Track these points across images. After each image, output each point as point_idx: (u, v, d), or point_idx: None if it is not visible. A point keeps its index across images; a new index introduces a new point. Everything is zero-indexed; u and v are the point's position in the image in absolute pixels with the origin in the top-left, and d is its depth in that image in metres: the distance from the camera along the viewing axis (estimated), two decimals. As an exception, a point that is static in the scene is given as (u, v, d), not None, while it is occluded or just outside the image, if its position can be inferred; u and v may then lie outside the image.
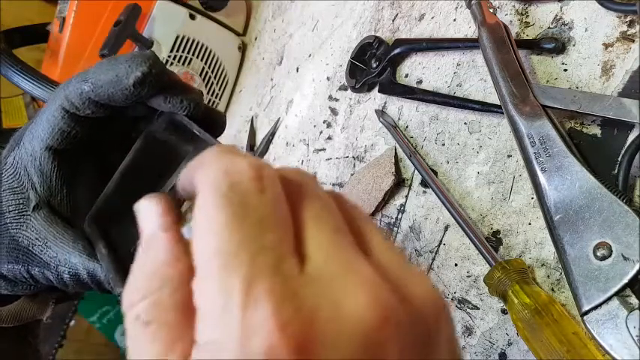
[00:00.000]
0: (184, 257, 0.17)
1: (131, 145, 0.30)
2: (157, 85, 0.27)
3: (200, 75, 0.89)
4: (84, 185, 0.31)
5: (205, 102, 0.86)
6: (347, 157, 0.55)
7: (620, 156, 0.30)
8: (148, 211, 0.19)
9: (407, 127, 0.47)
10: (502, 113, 0.36)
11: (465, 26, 0.44)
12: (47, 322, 0.34)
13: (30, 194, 0.29)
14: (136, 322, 0.16)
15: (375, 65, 0.51)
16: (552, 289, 0.32)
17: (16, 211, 0.29)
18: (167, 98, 0.27)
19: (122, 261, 0.27)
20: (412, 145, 0.45)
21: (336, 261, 0.16)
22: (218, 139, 0.28)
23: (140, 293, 0.17)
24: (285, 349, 0.14)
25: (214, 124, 0.30)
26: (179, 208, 0.22)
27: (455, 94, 0.43)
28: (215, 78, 0.92)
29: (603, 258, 0.28)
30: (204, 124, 0.28)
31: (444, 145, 0.43)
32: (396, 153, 0.47)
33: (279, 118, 0.73)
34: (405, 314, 0.16)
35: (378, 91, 0.51)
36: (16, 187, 0.29)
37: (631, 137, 0.30)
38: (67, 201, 0.29)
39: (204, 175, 0.17)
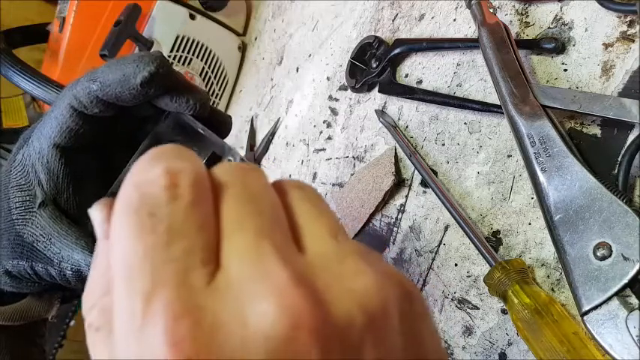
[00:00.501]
0: None
1: (137, 146, 0.31)
2: (163, 85, 0.27)
3: (200, 75, 0.89)
4: (90, 184, 0.31)
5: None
6: (347, 157, 0.55)
7: (620, 156, 0.30)
8: (94, 218, 0.18)
9: (407, 127, 0.47)
10: (502, 113, 0.36)
11: (465, 26, 0.44)
12: (51, 322, 0.35)
13: (37, 191, 0.29)
14: (90, 329, 0.16)
15: (375, 65, 0.51)
16: (552, 289, 0.32)
17: (23, 208, 0.29)
18: (173, 98, 0.28)
19: None
20: (412, 145, 0.45)
21: (249, 267, 0.15)
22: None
23: (91, 300, 0.17)
24: None
25: (220, 124, 0.31)
26: None
27: (455, 94, 0.43)
28: (215, 78, 0.92)
29: (603, 258, 0.28)
30: (210, 125, 0.28)
31: (444, 145, 0.43)
32: (396, 153, 0.47)
33: (279, 118, 0.73)
34: (324, 320, 0.14)
35: (378, 91, 0.51)
36: (24, 185, 0.29)
37: (631, 137, 0.30)
38: (72, 199, 0.30)
39: (122, 187, 0.17)
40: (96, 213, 0.18)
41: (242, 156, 0.26)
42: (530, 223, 0.34)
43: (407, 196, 0.45)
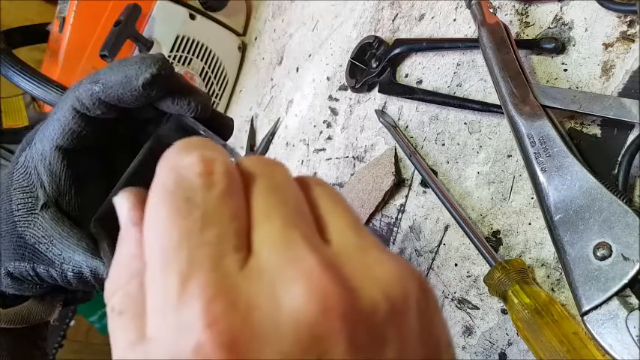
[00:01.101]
0: None
1: (139, 148, 0.31)
2: (165, 87, 0.27)
3: (200, 75, 0.89)
4: (92, 186, 0.31)
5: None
6: (347, 157, 0.55)
7: (620, 156, 0.30)
8: (121, 206, 0.19)
9: (407, 127, 0.47)
10: (502, 113, 0.36)
11: (465, 26, 0.44)
12: (53, 325, 0.35)
13: (39, 193, 0.29)
14: (112, 313, 0.17)
15: (375, 65, 0.51)
16: (552, 289, 0.32)
17: (25, 210, 0.29)
18: (175, 100, 0.28)
19: None
20: (412, 145, 0.45)
21: (280, 254, 0.16)
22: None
23: (115, 285, 0.17)
24: (213, 346, 0.13)
25: (222, 126, 0.31)
26: None
27: (455, 94, 0.43)
28: (215, 78, 0.92)
29: (603, 258, 0.28)
30: (211, 127, 0.29)
31: (444, 145, 0.43)
32: (396, 153, 0.47)
33: (279, 118, 0.73)
34: (352, 307, 0.15)
35: (378, 91, 0.51)
36: (26, 186, 0.29)
37: (631, 137, 0.30)
38: (74, 201, 0.30)
39: (157, 171, 0.17)
40: (122, 201, 0.19)
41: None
42: (530, 223, 0.34)
43: (407, 196, 0.45)
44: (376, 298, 0.15)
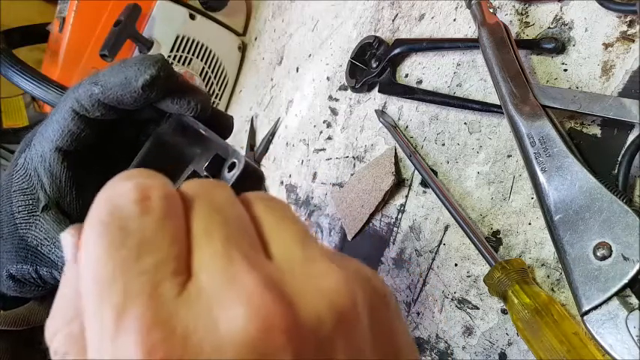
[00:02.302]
0: None
1: (140, 148, 0.31)
2: (165, 89, 0.27)
3: (200, 75, 0.89)
4: (92, 187, 0.31)
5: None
6: (347, 157, 0.55)
7: (620, 156, 0.30)
8: (65, 243, 0.18)
9: (407, 127, 0.47)
10: (502, 113, 0.36)
11: (465, 26, 0.44)
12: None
13: (39, 195, 0.29)
14: (56, 356, 0.16)
15: (375, 65, 0.51)
16: (552, 289, 0.32)
17: (26, 212, 0.29)
18: (174, 100, 0.28)
19: None
20: (412, 145, 0.45)
21: (219, 275, 0.15)
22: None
23: (56, 326, 0.17)
24: None
25: (222, 125, 0.31)
26: None
27: (455, 94, 0.43)
28: (215, 78, 0.92)
29: (603, 258, 0.28)
30: (212, 126, 0.28)
31: (444, 145, 0.43)
32: (396, 153, 0.47)
33: (279, 118, 0.73)
34: (295, 321, 0.14)
35: (378, 91, 0.51)
36: (26, 188, 0.29)
37: (631, 137, 0.30)
38: (75, 203, 0.30)
39: (92, 204, 0.17)
40: (67, 237, 0.18)
41: (246, 158, 0.26)
42: (530, 223, 0.34)
43: (407, 196, 0.45)
44: (320, 311, 0.15)
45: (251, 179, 0.20)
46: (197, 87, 0.29)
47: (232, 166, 0.25)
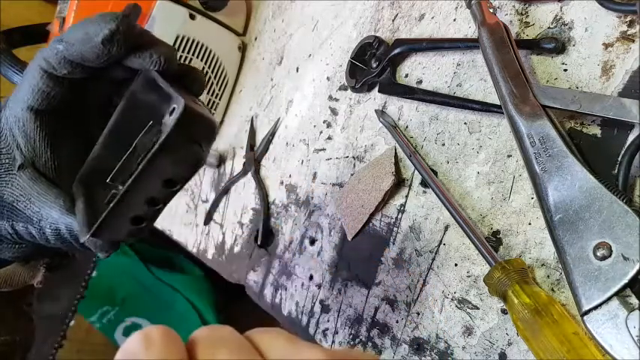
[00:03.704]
0: None
1: (114, 110, 0.31)
2: (126, 43, 0.27)
3: (200, 75, 0.89)
4: (68, 149, 0.32)
5: (205, 102, 0.86)
6: (347, 157, 0.55)
7: (620, 156, 0.30)
8: None
9: (407, 127, 0.47)
10: (502, 113, 0.36)
11: (465, 26, 0.44)
12: (45, 319, 0.35)
13: (16, 154, 0.30)
14: None
15: (375, 65, 0.51)
16: (552, 289, 0.32)
17: (3, 170, 0.30)
18: (136, 54, 0.28)
19: (95, 214, 0.28)
20: (412, 145, 0.45)
21: None
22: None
23: None
24: None
25: (191, 81, 0.31)
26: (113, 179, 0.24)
27: (455, 94, 0.43)
28: (215, 78, 0.91)
29: (603, 258, 0.28)
30: (179, 81, 0.29)
31: (444, 145, 0.43)
32: (396, 153, 0.47)
33: (279, 118, 0.73)
34: None
35: (378, 91, 0.51)
36: (2, 148, 0.30)
37: (631, 137, 0.30)
38: (51, 163, 0.30)
39: None
40: None
41: (189, 105, 0.25)
42: (530, 223, 0.34)
43: (407, 196, 0.45)
44: None
45: (196, 123, 0.20)
46: (160, 40, 0.29)
47: (173, 112, 0.25)
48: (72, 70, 0.28)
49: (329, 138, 0.59)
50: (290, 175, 0.66)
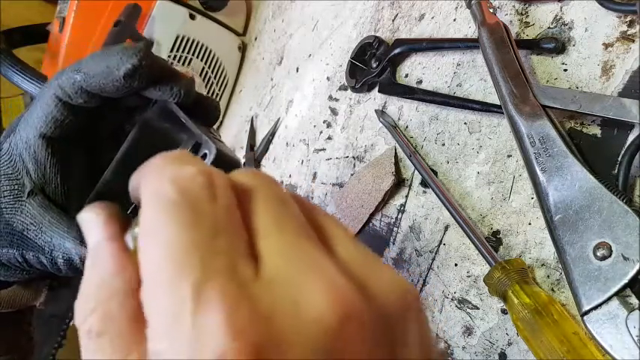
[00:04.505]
0: (130, 266, 0.17)
1: (126, 136, 0.31)
2: (147, 77, 0.27)
3: (200, 75, 0.89)
4: (78, 175, 0.31)
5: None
6: (347, 157, 0.55)
7: (620, 156, 0.30)
8: (91, 222, 0.18)
9: (407, 127, 0.47)
10: (502, 113, 0.36)
11: (465, 26, 0.44)
12: (47, 321, 0.35)
13: (25, 180, 0.29)
14: (89, 335, 0.16)
15: (375, 65, 0.51)
16: (552, 289, 0.32)
17: (11, 197, 0.29)
18: (157, 87, 0.28)
19: None
20: (412, 145, 0.45)
21: (294, 262, 0.16)
22: (219, 129, 0.29)
23: (90, 306, 0.17)
24: (240, 355, 0.13)
25: (207, 111, 0.31)
26: (134, 212, 0.22)
27: (455, 94, 0.43)
28: (215, 78, 0.92)
29: (603, 258, 0.28)
30: (196, 112, 0.29)
31: (444, 145, 0.43)
32: (396, 153, 0.47)
33: (279, 118, 0.73)
34: (368, 311, 0.15)
35: (378, 91, 0.51)
36: (11, 174, 0.29)
37: (631, 137, 0.30)
38: (60, 189, 0.30)
39: (148, 183, 0.17)
40: (92, 215, 0.18)
41: (220, 147, 0.25)
42: (530, 223, 0.34)
43: (407, 196, 0.45)
44: (388, 305, 0.16)
45: (226, 170, 0.20)
46: (180, 72, 0.29)
47: (204, 157, 0.25)
48: (88, 100, 0.28)
49: (329, 138, 0.59)
50: (290, 175, 0.66)
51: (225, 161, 0.25)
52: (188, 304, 0.14)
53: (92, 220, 0.18)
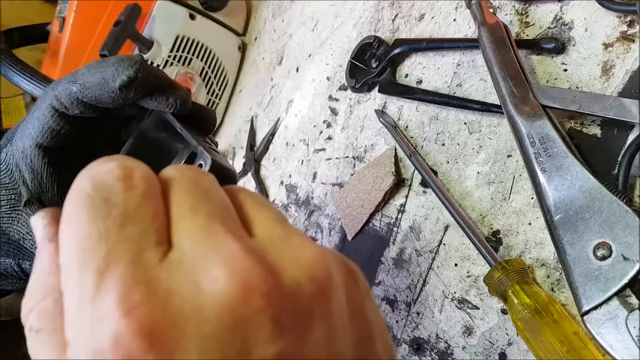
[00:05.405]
0: None
1: (122, 145, 0.31)
2: (143, 89, 0.27)
3: (200, 75, 0.89)
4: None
5: (205, 102, 0.86)
6: (347, 157, 0.55)
7: (620, 156, 0.30)
8: (36, 224, 0.19)
9: (407, 127, 0.47)
10: (502, 113, 0.36)
11: (465, 26, 0.44)
12: None
13: (21, 190, 0.29)
14: (31, 332, 0.17)
15: (375, 65, 0.51)
16: (552, 289, 0.32)
17: (8, 206, 0.29)
18: (153, 97, 0.28)
19: None
20: (412, 145, 0.45)
21: (200, 244, 0.16)
22: (217, 137, 0.29)
23: (31, 304, 0.17)
24: (131, 335, 0.13)
25: (203, 121, 0.31)
26: None
27: (455, 94, 0.43)
28: (215, 78, 0.91)
29: (603, 258, 0.28)
30: (193, 122, 0.29)
31: (444, 145, 0.43)
32: (396, 153, 0.47)
33: (279, 118, 0.73)
34: (275, 287, 0.15)
35: (378, 91, 0.51)
36: (8, 183, 0.29)
37: (631, 137, 0.30)
38: (57, 198, 0.30)
39: (74, 182, 0.17)
40: (37, 219, 0.19)
41: (215, 158, 0.25)
42: (530, 223, 0.34)
43: (407, 196, 0.45)
44: (299, 278, 0.16)
45: (220, 179, 0.20)
46: (176, 83, 0.29)
47: (200, 167, 0.25)
48: (85, 110, 0.28)
49: (329, 138, 0.59)
50: (290, 175, 0.66)
51: (220, 171, 0.25)
52: (90, 291, 0.14)
53: (36, 223, 0.19)
